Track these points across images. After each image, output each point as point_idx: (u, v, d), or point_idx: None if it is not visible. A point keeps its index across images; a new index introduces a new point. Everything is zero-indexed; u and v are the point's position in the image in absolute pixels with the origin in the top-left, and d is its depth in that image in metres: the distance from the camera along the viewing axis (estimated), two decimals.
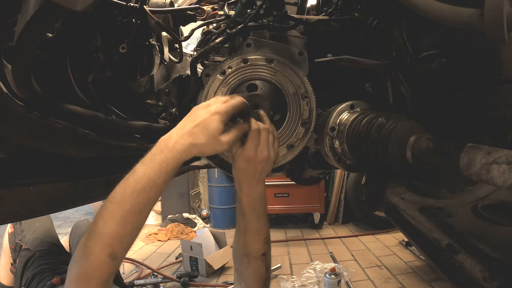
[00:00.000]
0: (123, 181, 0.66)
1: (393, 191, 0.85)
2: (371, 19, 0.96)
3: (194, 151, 0.69)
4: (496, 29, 0.45)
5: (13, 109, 0.66)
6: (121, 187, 0.65)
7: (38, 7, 0.56)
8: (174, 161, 0.67)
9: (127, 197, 0.63)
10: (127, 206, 0.63)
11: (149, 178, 0.65)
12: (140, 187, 0.64)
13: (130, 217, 0.63)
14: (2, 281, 2.08)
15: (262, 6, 0.92)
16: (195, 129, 0.69)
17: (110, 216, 0.63)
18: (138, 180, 0.64)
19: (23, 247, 1.87)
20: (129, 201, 0.63)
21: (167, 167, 0.66)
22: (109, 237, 0.62)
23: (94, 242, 0.62)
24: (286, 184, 4.09)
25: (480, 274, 0.57)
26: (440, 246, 0.66)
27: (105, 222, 0.62)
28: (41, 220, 2.01)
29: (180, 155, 0.68)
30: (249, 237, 0.86)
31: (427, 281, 2.64)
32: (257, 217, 0.85)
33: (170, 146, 0.67)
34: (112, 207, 0.63)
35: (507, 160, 0.45)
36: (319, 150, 0.97)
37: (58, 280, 1.66)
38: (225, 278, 2.87)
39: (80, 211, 5.61)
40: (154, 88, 1.19)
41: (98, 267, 0.61)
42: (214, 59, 1.04)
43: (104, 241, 0.61)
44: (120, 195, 0.64)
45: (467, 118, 0.80)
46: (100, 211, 0.64)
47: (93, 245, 0.61)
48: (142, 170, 0.65)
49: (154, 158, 0.67)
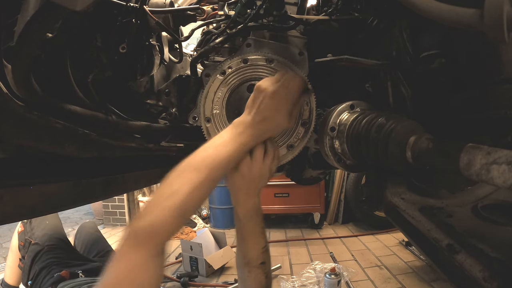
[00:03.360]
0: (203, 152, 0.72)
1: (393, 191, 0.85)
2: (371, 19, 0.96)
3: (265, 137, 0.79)
4: (496, 29, 0.45)
5: (13, 109, 0.66)
6: (202, 157, 0.71)
7: (38, 7, 0.56)
8: (252, 144, 0.77)
9: (206, 166, 0.69)
10: (205, 174, 0.69)
11: (230, 155, 0.72)
12: (220, 161, 0.71)
13: (204, 184, 0.69)
14: (9, 281, 2.10)
15: (262, 6, 0.92)
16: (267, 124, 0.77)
17: (188, 179, 0.67)
18: (220, 154, 0.71)
19: (32, 243, 1.90)
20: (208, 170, 0.69)
21: (244, 148, 0.76)
22: (183, 197, 0.65)
23: (168, 201, 0.65)
24: (286, 184, 4.10)
25: (480, 274, 0.57)
26: (440, 246, 0.66)
27: (182, 184, 0.67)
28: (50, 218, 2.06)
29: (256, 140, 0.77)
30: (248, 247, 0.90)
31: (427, 281, 2.64)
32: (254, 226, 0.89)
33: (249, 132, 0.76)
34: (190, 172, 0.69)
35: (507, 160, 0.45)
36: (319, 150, 0.97)
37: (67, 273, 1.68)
38: (225, 278, 2.87)
39: (80, 211, 5.62)
40: (154, 88, 1.19)
41: (169, 223, 0.64)
42: (214, 59, 1.04)
43: (177, 201, 0.65)
44: (200, 163, 0.70)
45: (466, 118, 0.80)
46: (175, 174, 0.69)
47: (166, 203, 0.64)
48: (224, 146, 0.73)
49: (234, 139, 0.74)
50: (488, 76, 0.71)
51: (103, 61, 0.95)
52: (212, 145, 0.74)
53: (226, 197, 4.36)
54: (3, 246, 3.91)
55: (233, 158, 0.74)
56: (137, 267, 0.60)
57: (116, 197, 4.53)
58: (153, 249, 0.62)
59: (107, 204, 4.61)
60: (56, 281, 1.67)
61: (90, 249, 2.09)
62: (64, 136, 0.81)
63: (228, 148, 0.73)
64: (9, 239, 4.11)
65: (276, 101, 0.77)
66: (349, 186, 4.12)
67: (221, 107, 0.88)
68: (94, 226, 2.29)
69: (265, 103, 0.77)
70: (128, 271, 0.60)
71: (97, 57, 0.94)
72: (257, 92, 0.79)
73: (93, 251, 2.07)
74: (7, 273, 2.11)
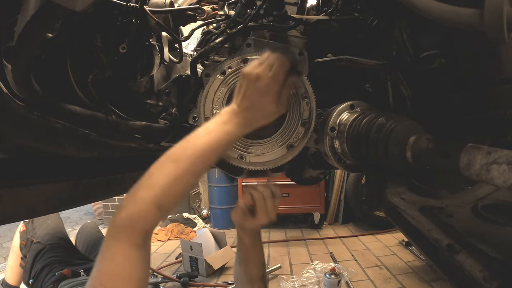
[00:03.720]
0: (184, 142, 0.69)
1: (393, 191, 0.85)
2: (371, 19, 0.96)
3: (254, 126, 0.76)
4: (496, 29, 0.45)
5: (13, 109, 0.66)
6: (182, 148, 0.68)
7: (38, 7, 0.56)
8: (237, 133, 0.73)
9: (186, 158, 0.67)
10: (184, 166, 0.66)
11: (210, 146, 0.69)
12: (200, 151, 0.68)
13: (184, 176, 0.66)
14: (9, 280, 2.10)
15: (262, 6, 0.92)
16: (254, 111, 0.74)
17: (166, 171, 0.65)
18: (200, 145, 0.68)
19: (34, 241, 1.92)
20: (187, 162, 0.66)
21: (229, 138, 0.72)
22: (160, 190, 0.64)
23: (145, 192, 0.64)
24: (286, 184, 4.08)
25: (480, 274, 0.57)
26: (440, 246, 0.67)
27: (160, 176, 0.65)
28: (52, 217, 2.07)
29: (243, 130, 0.74)
30: (251, 266, 0.99)
31: (427, 281, 2.64)
32: (257, 249, 0.98)
33: (235, 121, 0.72)
34: (168, 164, 0.66)
35: (507, 160, 0.45)
36: (319, 150, 0.97)
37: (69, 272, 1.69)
38: (225, 278, 2.87)
39: (80, 211, 5.62)
40: (154, 88, 1.19)
41: (144, 215, 0.63)
42: (214, 59, 1.04)
43: (154, 193, 0.64)
44: (179, 154, 0.67)
45: (466, 118, 0.80)
46: (156, 165, 0.67)
47: (143, 195, 0.64)
48: (205, 136, 0.69)
49: (218, 128, 0.71)
50: (488, 76, 0.71)
51: (103, 61, 0.95)
52: (195, 134, 0.70)
53: (226, 197, 4.36)
54: (3, 246, 3.91)
55: (216, 148, 0.70)
56: (121, 259, 0.61)
57: (116, 197, 4.53)
58: (134, 239, 0.62)
59: (107, 204, 4.61)
60: (58, 279, 1.68)
61: (91, 249, 2.10)
62: (64, 136, 0.81)
63: (210, 137, 0.69)
64: (9, 239, 4.11)
65: (261, 85, 0.73)
66: (349, 186, 4.11)
67: (221, 107, 0.88)
68: (95, 227, 2.30)
69: (251, 89, 0.73)
70: (114, 265, 0.61)
71: (97, 57, 0.94)
72: (241, 78, 0.76)
73: (95, 251, 2.08)
74: (8, 273, 2.11)
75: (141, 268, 0.63)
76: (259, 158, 0.88)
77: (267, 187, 0.91)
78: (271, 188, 0.91)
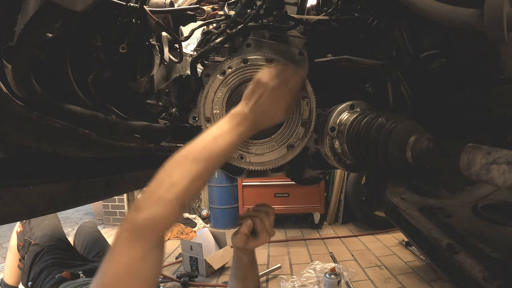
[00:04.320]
0: (202, 143, 0.72)
1: (393, 191, 0.85)
2: (371, 19, 0.96)
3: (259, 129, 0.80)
4: (496, 29, 0.45)
5: (13, 109, 0.66)
6: (200, 148, 0.71)
7: (38, 7, 0.56)
8: (247, 134, 0.77)
9: (204, 158, 0.70)
10: (203, 166, 0.69)
11: (227, 147, 0.73)
12: (217, 152, 0.71)
13: (203, 175, 0.70)
14: (8, 280, 2.10)
15: (262, 6, 0.92)
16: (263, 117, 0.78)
17: (186, 171, 0.68)
18: (218, 146, 0.72)
19: (32, 243, 1.90)
20: (205, 162, 0.70)
21: (241, 140, 0.76)
22: (183, 188, 0.66)
23: (168, 192, 0.66)
24: (286, 184, 4.10)
25: (480, 274, 0.57)
26: (440, 246, 0.67)
27: (180, 175, 0.67)
28: (49, 218, 2.06)
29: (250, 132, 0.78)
30: (248, 281, 1.04)
31: (427, 281, 2.64)
32: (253, 264, 1.05)
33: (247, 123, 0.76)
34: (188, 163, 0.69)
35: (507, 160, 0.45)
36: (319, 150, 0.97)
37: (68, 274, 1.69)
38: (225, 278, 2.87)
39: (80, 211, 5.62)
40: (154, 88, 1.19)
41: (169, 215, 0.65)
42: (214, 59, 1.04)
43: (178, 192, 0.66)
44: (198, 155, 0.70)
45: (466, 118, 0.80)
46: (173, 165, 0.69)
47: (166, 195, 0.65)
48: (222, 137, 0.73)
49: (233, 130, 0.75)
50: (488, 76, 0.71)
51: (103, 61, 0.95)
52: (210, 135, 0.73)
53: (226, 197, 4.36)
54: (3, 246, 3.91)
55: (230, 149, 0.75)
56: (138, 259, 0.61)
57: (116, 197, 4.53)
58: (154, 240, 0.63)
59: (107, 204, 4.61)
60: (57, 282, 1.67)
61: (90, 249, 2.09)
62: (64, 136, 0.81)
63: (226, 139, 0.73)
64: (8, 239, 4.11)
65: (276, 96, 0.78)
66: (349, 186, 4.12)
67: (221, 107, 0.88)
68: (94, 226, 2.29)
69: (265, 97, 0.77)
70: (130, 264, 0.61)
71: (97, 57, 0.94)
72: (257, 84, 0.79)
73: (93, 251, 2.07)
74: (6, 273, 2.11)
75: (156, 269, 0.65)
76: (259, 158, 0.88)
77: (261, 208, 0.99)
78: (264, 209, 0.98)
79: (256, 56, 0.88)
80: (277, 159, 0.89)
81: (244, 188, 4.22)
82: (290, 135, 0.89)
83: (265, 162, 0.89)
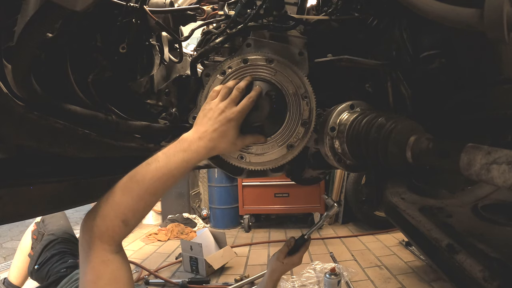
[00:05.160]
0: (145, 166, 0.74)
1: (393, 191, 0.85)
2: (371, 19, 0.96)
3: (213, 153, 0.79)
4: (496, 29, 0.45)
5: (13, 109, 0.66)
6: (143, 170, 0.73)
7: (38, 7, 0.56)
8: (194, 161, 0.76)
9: (146, 180, 0.72)
10: (144, 187, 0.72)
11: (169, 171, 0.73)
12: (159, 175, 0.73)
13: (145, 196, 0.72)
14: (13, 280, 2.09)
15: (262, 6, 0.92)
16: (215, 135, 0.77)
17: (128, 190, 0.72)
18: (158, 169, 0.73)
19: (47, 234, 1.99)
20: (147, 183, 0.72)
21: (187, 165, 0.75)
22: (124, 207, 0.71)
23: (110, 208, 0.71)
24: (286, 184, 4.09)
25: (480, 274, 0.57)
26: (440, 246, 0.67)
27: (123, 194, 0.72)
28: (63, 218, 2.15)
29: (201, 157, 0.77)
30: None
31: (427, 281, 2.64)
32: None
33: (193, 148, 0.76)
34: (131, 184, 0.72)
35: (507, 160, 0.45)
36: (319, 150, 0.97)
37: None
38: (225, 278, 2.87)
39: (80, 211, 5.61)
40: (154, 88, 1.19)
41: (111, 229, 0.70)
42: (214, 59, 1.04)
43: (119, 210, 0.71)
44: (140, 176, 0.73)
45: (466, 118, 0.80)
46: (119, 184, 0.73)
47: (108, 211, 0.71)
48: (164, 162, 0.74)
49: (176, 155, 0.75)
50: (488, 76, 0.72)
51: (103, 61, 0.95)
52: (155, 159, 0.74)
53: (226, 197, 4.36)
54: (3, 246, 3.91)
55: (175, 174, 0.74)
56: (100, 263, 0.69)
57: None
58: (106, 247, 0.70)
59: None
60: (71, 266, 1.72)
61: None
62: (64, 136, 0.81)
63: (170, 164, 0.73)
64: (9, 239, 4.11)
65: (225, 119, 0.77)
66: (349, 186, 4.11)
67: None
68: None
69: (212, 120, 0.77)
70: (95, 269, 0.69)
71: (97, 57, 0.94)
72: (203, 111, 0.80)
73: None
74: (13, 273, 2.08)
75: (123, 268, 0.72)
76: (259, 158, 0.88)
77: None
78: None
79: (256, 56, 0.88)
80: (277, 159, 0.89)
81: (244, 188, 4.22)
82: (290, 135, 0.89)
83: (265, 162, 0.89)
